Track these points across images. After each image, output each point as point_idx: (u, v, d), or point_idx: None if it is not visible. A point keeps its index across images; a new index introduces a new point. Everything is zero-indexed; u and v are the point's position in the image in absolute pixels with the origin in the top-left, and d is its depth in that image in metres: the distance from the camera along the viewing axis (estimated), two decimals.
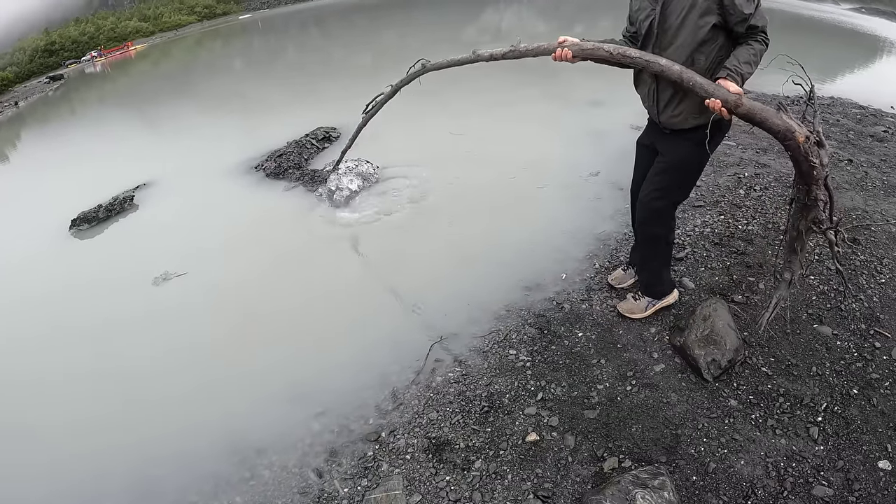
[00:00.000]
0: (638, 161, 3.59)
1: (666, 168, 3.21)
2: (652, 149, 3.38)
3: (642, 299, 3.78)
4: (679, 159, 3.16)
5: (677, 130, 3.09)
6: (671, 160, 3.19)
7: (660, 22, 2.89)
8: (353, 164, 6.73)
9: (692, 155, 3.12)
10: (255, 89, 15.56)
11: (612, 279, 4.14)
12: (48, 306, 5.14)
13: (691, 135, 3.03)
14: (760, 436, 2.93)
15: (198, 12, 51.22)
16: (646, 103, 3.20)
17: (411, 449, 3.09)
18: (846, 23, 16.45)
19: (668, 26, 2.87)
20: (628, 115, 7.59)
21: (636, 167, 3.61)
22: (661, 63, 2.77)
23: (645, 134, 3.48)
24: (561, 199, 5.73)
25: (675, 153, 3.16)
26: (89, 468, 3.36)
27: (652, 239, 3.49)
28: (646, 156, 3.48)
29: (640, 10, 3.01)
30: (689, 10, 2.78)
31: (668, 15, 2.85)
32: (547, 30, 21.69)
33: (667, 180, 3.23)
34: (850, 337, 3.48)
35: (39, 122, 19.21)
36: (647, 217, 3.38)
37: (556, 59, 3.06)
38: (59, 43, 41.88)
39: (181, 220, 6.63)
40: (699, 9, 2.75)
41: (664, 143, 3.22)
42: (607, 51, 2.94)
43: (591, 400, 3.24)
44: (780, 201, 4.99)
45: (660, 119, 3.12)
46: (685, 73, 2.71)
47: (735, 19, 2.71)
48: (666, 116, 3.07)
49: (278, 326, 4.36)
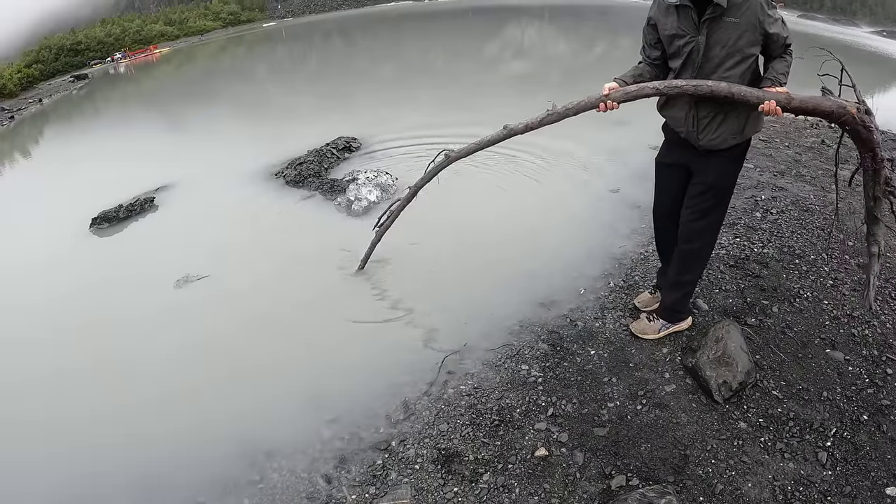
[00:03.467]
0: (663, 182, 3.56)
1: (706, 189, 3.26)
2: (680, 169, 3.40)
3: (656, 321, 3.80)
4: (717, 177, 3.23)
5: (714, 150, 3.16)
6: (711, 180, 3.24)
7: (704, 51, 2.95)
8: (373, 174, 6.81)
9: (730, 171, 3.27)
10: (278, 96, 15.76)
11: (638, 302, 4.13)
12: (69, 302, 5.22)
13: (727, 153, 3.16)
14: (769, 459, 2.94)
15: (222, 18, 51.74)
16: (681, 127, 3.21)
17: (420, 459, 3.12)
18: (867, 45, 16.36)
19: (712, 55, 2.94)
20: (649, 135, 7.62)
21: (661, 188, 3.59)
22: (709, 85, 2.87)
23: (669, 154, 3.47)
24: (578, 216, 5.78)
25: (714, 172, 3.22)
26: (99, 464, 3.42)
27: (693, 256, 3.50)
28: (671, 176, 3.47)
29: (676, 36, 3.02)
30: (735, 41, 2.89)
31: (712, 45, 2.93)
32: (568, 49, 21.78)
33: (708, 199, 3.28)
34: (863, 363, 3.48)
35: (63, 119, 19.52)
36: (691, 237, 3.41)
37: (603, 111, 3.14)
38: (85, 43, 42.37)
39: (200, 224, 6.72)
40: (746, 40, 2.88)
41: (701, 164, 3.25)
42: (653, 87, 3.01)
43: (602, 417, 3.26)
44: (797, 225, 4.98)
45: (700, 142, 3.15)
46: (734, 87, 2.86)
47: (777, 46, 2.93)
48: (706, 139, 3.12)
49: (292, 332, 4.41)
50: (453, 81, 14.68)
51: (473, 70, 16.95)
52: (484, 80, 14.86)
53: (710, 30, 2.90)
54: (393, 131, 9.29)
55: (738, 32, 2.86)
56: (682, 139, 3.26)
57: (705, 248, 3.49)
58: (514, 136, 3.59)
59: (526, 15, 31.75)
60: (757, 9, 2.82)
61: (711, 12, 2.85)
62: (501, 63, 5.47)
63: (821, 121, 8.78)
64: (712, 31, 2.90)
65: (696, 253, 3.47)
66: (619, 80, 3.20)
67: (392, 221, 4.68)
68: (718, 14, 2.85)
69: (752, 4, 2.82)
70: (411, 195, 4.50)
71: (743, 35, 2.87)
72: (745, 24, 2.84)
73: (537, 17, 31.14)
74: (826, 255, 4.54)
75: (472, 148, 3.88)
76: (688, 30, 2.97)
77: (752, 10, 2.82)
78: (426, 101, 11.40)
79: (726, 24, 2.86)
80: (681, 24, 2.98)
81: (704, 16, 2.88)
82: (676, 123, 3.24)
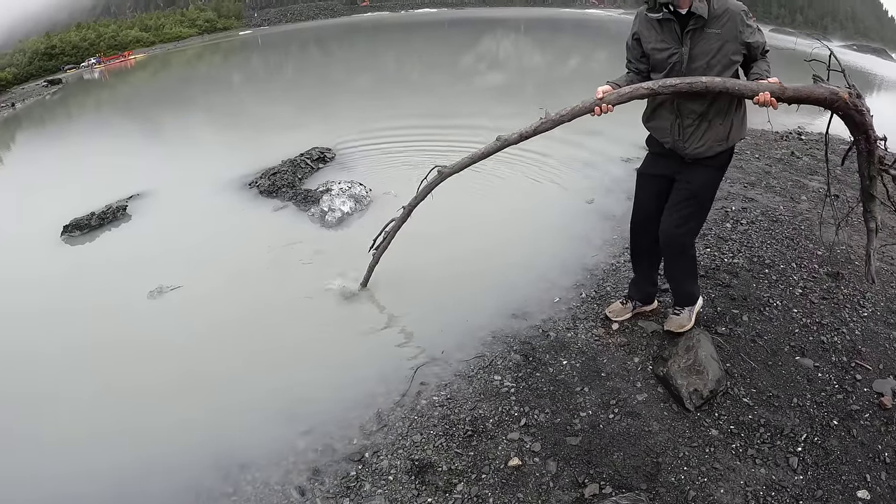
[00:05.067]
0: (644, 193, 3.60)
1: (690, 195, 3.33)
2: (663, 179, 3.45)
3: (683, 311, 3.82)
4: (702, 184, 3.31)
5: (700, 158, 3.22)
6: (695, 187, 3.31)
7: (687, 62, 3.04)
8: (347, 185, 6.80)
9: (714, 179, 3.36)
10: (253, 105, 15.68)
11: (610, 312, 4.12)
12: (40, 309, 5.13)
13: (712, 161, 3.25)
14: (740, 465, 2.97)
15: (199, 26, 51.57)
16: (667, 137, 3.26)
17: (394, 470, 3.10)
18: (840, 59, 16.84)
19: (696, 66, 3.03)
20: (622, 147, 7.74)
21: (641, 199, 3.63)
22: (703, 81, 2.93)
23: (653, 165, 3.51)
24: (552, 226, 5.80)
25: (698, 180, 3.30)
26: (70, 470, 3.36)
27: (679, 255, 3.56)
28: (653, 187, 3.52)
29: (659, 49, 3.11)
30: (717, 52, 2.99)
31: (695, 56, 3.02)
32: (543, 60, 21.96)
33: (692, 206, 3.35)
34: (832, 369, 3.54)
35: (36, 125, 19.25)
36: (672, 241, 3.47)
37: (597, 114, 3.18)
38: (60, 47, 41.98)
39: (173, 233, 6.63)
40: (727, 51, 2.99)
41: (687, 173, 3.31)
42: (647, 87, 3.04)
43: (574, 427, 3.26)
44: (766, 235, 5.07)
45: (686, 151, 3.21)
46: (728, 82, 2.93)
47: (756, 53, 3.06)
48: (692, 148, 3.19)
49: (266, 343, 4.36)
50: (429, 92, 14.75)
51: (449, 81, 17.13)
52: (460, 90, 14.99)
53: (692, 41, 2.99)
54: (368, 142, 9.30)
55: (720, 43, 2.97)
56: (667, 150, 3.32)
57: (689, 248, 3.56)
58: (508, 146, 3.58)
59: (502, 27, 32.02)
60: (737, 20, 2.93)
61: (694, 24, 2.94)
62: (477, 74, 5.50)
63: (790, 133, 8.98)
64: (695, 42, 3.00)
65: (682, 252, 3.54)
66: (613, 84, 3.24)
67: (389, 242, 4.57)
68: (700, 25, 2.95)
69: (732, 16, 2.93)
70: (406, 214, 4.37)
71: (724, 45, 2.97)
72: (726, 34, 2.95)
73: (513, 29, 31.40)
74: (795, 264, 4.62)
75: (466, 162, 3.82)
76: (671, 42, 3.05)
77: (732, 21, 2.94)
78: (402, 112, 11.40)
79: (708, 35, 2.97)
80: (664, 36, 3.07)
81: (687, 27, 2.97)
82: (662, 134, 3.30)
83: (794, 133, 9.07)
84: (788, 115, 3.20)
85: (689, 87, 2.95)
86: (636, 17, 3.23)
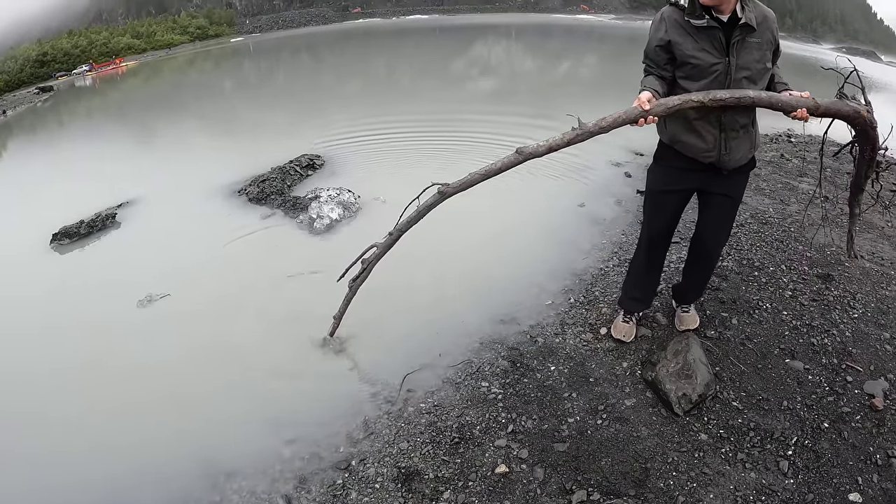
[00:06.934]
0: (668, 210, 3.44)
1: (732, 206, 3.37)
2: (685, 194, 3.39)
3: (691, 308, 3.95)
4: (741, 193, 3.38)
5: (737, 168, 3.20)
6: (737, 197, 3.35)
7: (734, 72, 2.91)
8: (336, 192, 6.77)
9: (745, 184, 3.44)
10: (243, 112, 15.63)
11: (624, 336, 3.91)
12: (29, 316, 5.08)
13: (747, 167, 3.28)
14: (730, 469, 2.95)
15: (190, 32, 51.59)
16: (710, 153, 3.08)
17: (381, 478, 3.07)
18: (829, 63, 16.95)
19: (740, 77, 2.91)
20: (613, 151, 7.74)
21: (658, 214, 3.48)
22: (750, 96, 2.86)
23: (678, 181, 3.32)
24: (539, 232, 5.77)
25: (739, 189, 3.35)
26: (61, 480, 3.33)
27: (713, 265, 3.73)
28: (673, 202, 3.40)
29: (700, 59, 2.90)
30: (758, 60, 2.94)
31: (741, 67, 2.91)
32: (535, 65, 22.01)
33: (732, 213, 3.43)
34: (822, 371, 3.53)
35: (27, 132, 19.11)
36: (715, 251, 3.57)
37: (640, 125, 2.95)
38: (51, 54, 41.89)
39: (162, 241, 6.56)
40: (765, 59, 2.97)
41: (724, 184, 3.22)
42: (697, 100, 2.85)
43: (562, 433, 3.24)
44: (756, 238, 5.07)
45: (730, 164, 3.10)
46: (773, 97, 2.91)
47: (778, 56, 3.09)
48: (734, 160, 3.10)
49: (254, 350, 4.31)
50: (420, 98, 14.72)
51: (440, 87, 17.12)
52: (451, 96, 14.95)
53: (738, 51, 2.88)
54: (357, 149, 9.29)
55: (762, 52, 2.92)
56: (700, 165, 3.15)
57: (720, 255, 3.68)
58: (531, 158, 3.29)
59: (493, 33, 32.10)
60: (773, 27, 2.94)
61: (739, 34, 2.85)
62: (469, 80, 5.46)
63: (780, 135, 9.02)
64: (740, 52, 2.88)
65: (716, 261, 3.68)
66: (653, 91, 2.93)
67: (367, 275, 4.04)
68: (745, 35, 2.86)
69: (769, 22, 2.91)
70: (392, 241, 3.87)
71: (765, 54, 2.94)
72: (765, 42, 2.92)
73: (504, 35, 31.49)
74: (785, 266, 4.61)
75: (477, 179, 3.44)
76: (712, 51, 2.89)
77: (769, 27, 2.91)
78: (393, 118, 11.38)
79: (751, 44, 2.88)
80: (703, 45, 2.89)
81: (733, 38, 2.85)
82: (696, 151, 3.10)
83: (783, 136, 9.10)
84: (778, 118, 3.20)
85: (736, 102, 2.85)
86: (661, 22, 2.98)
